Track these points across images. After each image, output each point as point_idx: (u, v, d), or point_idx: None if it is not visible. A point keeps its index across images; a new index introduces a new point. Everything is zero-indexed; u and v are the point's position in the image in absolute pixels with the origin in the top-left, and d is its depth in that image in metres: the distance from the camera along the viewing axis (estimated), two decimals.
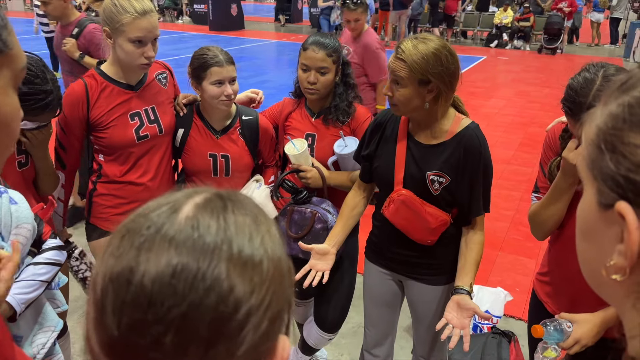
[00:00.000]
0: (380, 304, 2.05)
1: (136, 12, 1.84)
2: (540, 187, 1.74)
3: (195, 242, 0.47)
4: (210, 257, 0.46)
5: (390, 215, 1.81)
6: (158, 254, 0.46)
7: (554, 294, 1.76)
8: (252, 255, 0.48)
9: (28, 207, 1.47)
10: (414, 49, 1.60)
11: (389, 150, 1.82)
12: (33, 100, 1.64)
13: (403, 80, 1.62)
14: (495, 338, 2.56)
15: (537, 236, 1.77)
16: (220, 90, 1.99)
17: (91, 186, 2.09)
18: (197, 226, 0.48)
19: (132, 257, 0.47)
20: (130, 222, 0.51)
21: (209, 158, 2.11)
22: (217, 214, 0.50)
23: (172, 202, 0.51)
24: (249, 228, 0.50)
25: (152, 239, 0.47)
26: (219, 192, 0.53)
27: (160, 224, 0.48)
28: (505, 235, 4.12)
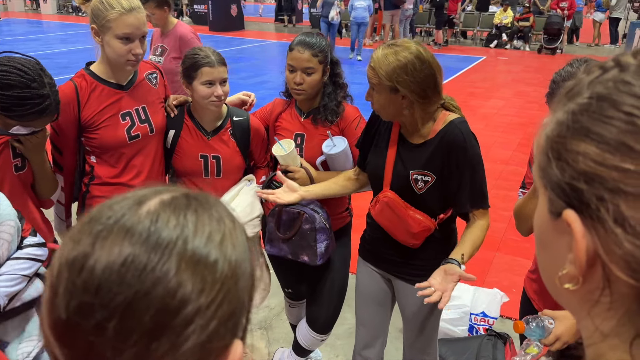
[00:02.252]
0: (370, 303, 2.04)
1: (123, 9, 1.83)
2: (527, 184, 1.75)
3: (150, 235, 0.48)
4: (162, 252, 0.47)
5: (375, 215, 1.84)
6: (113, 244, 0.48)
7: (540, 292, 1.77)
8: (206, 255, 0.49)
9: (9, 204, 1.45)
10: (383, 57, 1.63)
11: (381, 148, 1.84)
12: (29, 105, 1.60)
13: (376, 86, 1.67)
14: (491, 340, 2.55)
15: (521, 231, 1.78)
16: (210, 90, 1.98)
17: (83, 188, 2.08)
18: (155, 220, 0.49)
19: (88, 244, 0.48)
20: (94, 211, 0.52)
21: (200, 159, 2.10)
22: (179, 211, 0.51)
23: (139, 196, 0.53)
24: (209, 228, 0.51)
25: (110, 228, 0.49)
26: (188, 193, 0.54)
27: (121, 215, 0.50)
28: (503, 236, 4.11)
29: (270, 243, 2.10)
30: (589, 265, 0.43)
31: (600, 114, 0.43)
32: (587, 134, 0.43)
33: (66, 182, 2.08)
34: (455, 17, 14.61)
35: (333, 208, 2.14)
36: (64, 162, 2.03)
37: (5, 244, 1.39)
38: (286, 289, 2.46)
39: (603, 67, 0.46)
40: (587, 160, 0.42)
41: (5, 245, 1.39)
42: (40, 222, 1.90)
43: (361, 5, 11.82)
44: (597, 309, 0.45)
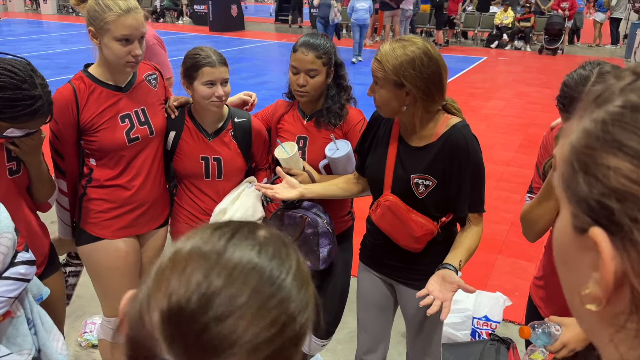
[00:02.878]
0: (372, 308, 2.02)
1: (120, 10, 1.80)
2: (534, 188, 1.72)
3: (275, 255, 0.59)
4: (280, 271, 0.57)
5: (376, 219, 1.81)
6: (242, 252, 0.57)
7: (547, 299, 1.74)
8: (306, 275, 0.60)
9: (8, 216, 1.42)
10: (391, 51, 1.60)
11: (381, 151, 1.81)
12: (21, 106, 1.56)
13: (380, 80, 1.64)
14: (494, 345, 2.52)
15: (528, 237, 1.74)
16: (211, 91, 1.95)
17: (81, 191, 2.05)
18: (272, 251, 0.59)
19: (220, 248, 0.57)
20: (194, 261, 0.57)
21: (201, 161, 2.08)
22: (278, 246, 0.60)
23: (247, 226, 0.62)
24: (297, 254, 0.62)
25: (237, 233, 0.59)
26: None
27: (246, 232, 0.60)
28: (505, 238, 4.08)
29: None
30: (616, 288, 0.40)
31: (635, 126, 0.39)
32: (619, 147, 0.39)
33: (69, 187, 2.04)
34: (455, 18, 14.58)
35: (335, 212, 2.11)
36: (66, 167, 2.00)
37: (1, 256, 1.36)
38: None
39: (636, 73, 0.42)
40: (619, 176, 0.39)
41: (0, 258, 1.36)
42: (36, 226, 1.87)
43: (363, 7, 11.59)
44: (622, 335, 0.41)
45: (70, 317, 2.95)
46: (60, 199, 2.05)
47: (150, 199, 2.08)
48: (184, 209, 2.16)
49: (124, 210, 2.04)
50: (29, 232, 1.81)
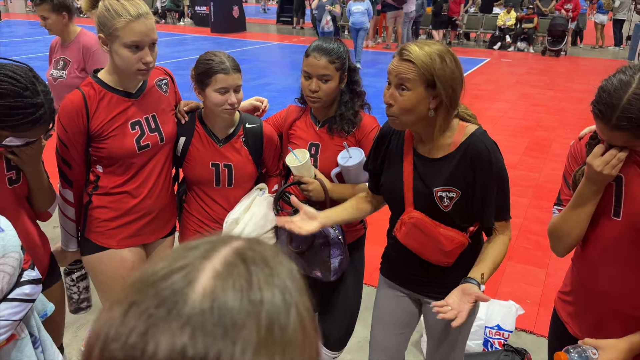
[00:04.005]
0: (391, 327, 1.92)
1: (130, 16, 1.74)
2: (563, 200, 1.63)
3: (216, 327, 0.40)
4: (232, 340, 0.40)
5: (402, 238, 1.71)
6: (169, 344, 0.39)
7: (576, 316, 1.66)
8: (281, 334, 0.42)
9: (15, 234, 1.36)
10: (420, 49, 1.52)
11: (396, 167, 1.72)
12: (22, 114, 1.50)
13: (410, 82, 1.51)
14: (508, 355, 2.47)
15: (558, 252, 1.66)
16: (224, 98, 1.89)
17: (86, 198, 1.99)
18: (215, 306, 0.41)
19: (137, 346, 0.39)
20: (135, 293, 0.42)
21: (211, 167, 2.02)
22: (240, 286, 0.43)
23: (188, 269, 0.43)
24: (275, 297, 0.44)
25: (162, 319, 0.40)
26: (243, 254, 0.46)
27: (172, 302, 0.41)
28: (514, 244, 4.02)
29: None
30: None
31: None
32: None
33: (75, 197, 1.98)
34: (458, 19, 14.54)
35: None
36: (73, 176, 1.94)
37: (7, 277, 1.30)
38: None
39: None
40: None
41: (6, 279, 1.30)
42: (36, 236, 1.81)
43: (358, 10, 11.07)
44: None
45: (74, 325, 2.90)
46: (66, 209, 1.99)
47: (157, 207, 2.02)
48: (194, 216, 2.11)
49: (130, 219, 1.99)
50: (29, 243, 1.75)
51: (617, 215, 1.47)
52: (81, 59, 3.05)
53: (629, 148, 1.40)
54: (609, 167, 1.40)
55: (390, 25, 13.96)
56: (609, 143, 1.41)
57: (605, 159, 1.40)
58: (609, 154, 1.40)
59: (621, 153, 1.39)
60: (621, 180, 1.45)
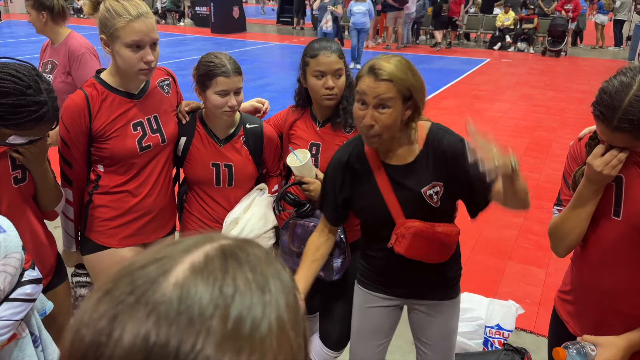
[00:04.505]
0: (372, 338, 1.89)
1: (130, 15, 1.74)
2: (563, 200, 1.64)
3: (180, 316, 0.39)
4: (196, 335, 0.39)
5: (404, 251, 1.68)
6: (133, 329, 0.39)
7: (576, 315, 1.66)
8: (250, 333, 0.40)
9: (17, 235, 1.36)
10: (392, 66, 1.52)
11: (370, 187, 1.70)
12: (25, 112, 1.50)
13: (391, 100, 1.52)
14: (508, 355, 2.47)
15: (558, 252, 1.66)
16: (224, 100, 1.90)
17: (87, 197, 1.99)
18: (185, 296, 0.40)
19: (103, 330, 0.40)
20: (112, 281, 0.43)
21: (212, 167, 2.03)
22: (214, 281, 0.42)
23: (166, 260, 0.43)
24: (250, 299, 0.42)
25: (130, 307, 0.40)
26: (224, 248, 0.45)
27: (142, 290, 0.41)
28: (514, 244, 4.02)
29: (283, 256, 2.02)
30: None
31: None
32: None
33: (75, 197, 1.98)
34: (458, 20, 14.55)
35: (349, 220, 2.06)
36: (74, 176, 1.94)
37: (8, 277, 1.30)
38: None
39: None
40: None
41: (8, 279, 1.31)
42: (43, 235, 1.82)
43: (360, 10, 10.91)
44: None
45: None
46: (66, 209, 1.99)
47: (157, 206, 2.03)
48: (194, 215, 2.12)
49: (130, 218, 1.99)
50: (36, 242, 1.76)
51: (617, 215, 1.47)
52: (67, 63, 2.99)
53: (629, 149, 1.40)
54: (609, 168, 1.41)
55: (391, 25, 13.96)
56: (609, 144, 1.41)
57: (606, 159, 1.41)
58: (609, 154, 1.41)
59: (621, 154, 1.40)
60: (621, 180, 1.46)
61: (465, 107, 8.15)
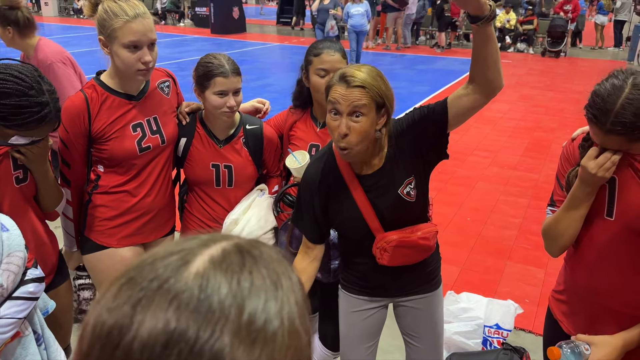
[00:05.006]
0: (361, 341, 1.90)
1: (127, 16, 1.75)
2: (556, 201, 1.65)
3: (200, 305, 0.41)
4: (214, 325, 0.40)
5: (388, 262, 1.70)
6: (155, 315, 0.40)
7: (570, 314, 1.68)
8: (263, 326, 0.42)
9: (20, 233, 1.38)
10: (363, 74, 1.52)
11: (347, 202, 1.68)
12: (27, 113, 1.52)
13: (364, 107, 1.51)
14: (507, 354, 2.46)
15: (552, 252, 1.68)
16: (222, 101, 1.91)
17: (86, 197, 2.00)
18: (205, 286, 0.42)
19: (126, 314, 0.41)
20: (133, 269, 0.45)
21: (212, 168, 2.04)
22: (232, 274, 0.44)
23: (186, 251, 0.45)
24: (265, 294, 0.44)
25: (152, 295, 0.42)
26: (241, 245, 0.47)
27: (165, 277, 0.42)
28: (513, 244, 4.03)
29: None
30: None
31: None
32: None
33: (74, 197, 1.99)
34: (457, 20, 14.55)
35: None
36: (72, 176, 1.96)
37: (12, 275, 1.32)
38: None
39: None
40: None
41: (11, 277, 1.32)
42: (44, 235, 1.83)
43: (358, 12, 10.64)
44: None
45: None
46: (65, 209, 2.00)
47: (156, 206, 2.04)
48: (195, 216, 2.13)
49: (130, 218, 2.00)
50: (37, 242, 1.77)
51: (610, 215, 1.49)
52: None
53: (622, 151, 1.42)
54: (603, 170, 1.42)
55: (391, 26, 13.96)
56: (603, 147, 1.42)
57: (600, 161, 1.42)
58: (603, 156, 1.42)
59: (615, 156, 1.41)
60: (614, 181, 1.47)
61: None
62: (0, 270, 1.30)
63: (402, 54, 13.60)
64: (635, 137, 1.35)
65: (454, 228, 4.27)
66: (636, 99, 1.32)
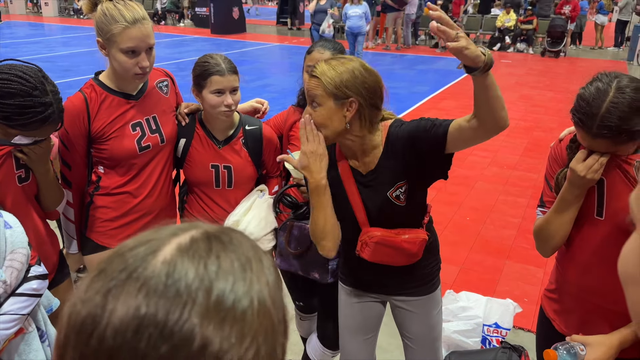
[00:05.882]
0: (359, 332, 1.92)
1: (126, 21, 1.77)
2: (546, 202, 1.67)
3: (167, 289, 0.43)
4: (182, 307, 0.42)
5: (369, 257, 1.71)
6: (125, 302, 0.43)
7: (562, 313, 1.69)
8: (232, 306, 0.44)
9: (23, 231, 1.40)
10: (327, 65, 1.56)
11: (339, 192, 1.71)
12: (31, 113, 1.54)
13: (318, 98, 1.55)
14: (505, 353, 2.47)
15: (543, 252, 1.70)
16: (220, 99, 1.92)
17: (88, 199, 2.01)
18: (172, 272, 0.44)
19: (98, 304, 0.43)
20: (104, 261, 0.47)
21: (211, 169, 2.05)
22: (199, 259, 0.46)
23: (155, 241, 0.47)
24: (233, 276, 0.46)
25: (121, 283, 0.44)
26: (209, 232, 0.49)
27: (133, 267, 0.45)
28: (512, 244, 4.05)
29: (281, 257, 2.05)
30: None
31: None
32: None
33: (75, 199, 2.00)
34: (457, 20, 14.56)
35: None
36: (73, 178, 1.96)
37: (15, 272, 1.33)
38: (297, 301, 2.40)
39: None
40: None
41: (15, 274, 1.34)
42: (45, 234, 1.85)
43: (355, 14, 10.47)
44: None
45: None
46: (66, 211, 2.01)
47: (157, 207, 2.05)
48: (194, 217, 2.13)
49: (131, 219, 2.01)
50: (39, 240, 1.79)
51: (600, 215, 1.51)
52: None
53: (610, 153, 1.43)
54: (592, 172, 1.44)
55: (390, 26, 13.98)
56: (590, 150, 1.44)
57: (588, 163, 1.44)
58: (591, 158, 1.44)
59: (603, 158, 1.43)
60: (603, 183, 1.49)
61: (465, 108, 8.17)
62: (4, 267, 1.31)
63: (402, 54, 13.62)
64: (622, 140, 1.37)
65: (453, 227, 4.28)
66: (621, 103, 1.33)
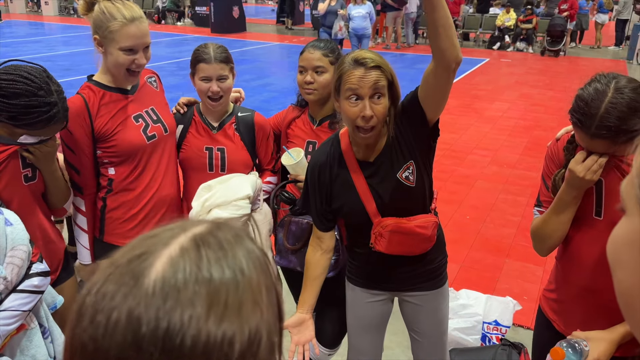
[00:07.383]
0: (368, 329, 1.94)
1: (125, 19, 1.80)
2: (542, 201, 1.66)
3: (158, 328, 0.45)
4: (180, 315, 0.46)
5: (385, 249, 1.71)
6: (127, 311, 0.46)
7: (562, 312, 1.69)
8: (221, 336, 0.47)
9: (23, 228, 1.41)
10: (373, 54, 1.56)
11: (347, 186, 1.71)
12: (36, 113, 1.56)
13: (383, 88, 1.54)
14: (505, 350, 2.49)
15: (540, 252, 1.71)
16: (207, 86, 2.00)
17: (100, 203, 2.01)
18: (167, 284, 0.47)
19: (91, 336, 0.46)
20: (91, 298, 0.48)
21: (205, 151, 2.09)
22: (190, 271, 0.48)
23: (144, 258, 0.49)
24: (227, 286, 0.49)
25: (121, 303, 0.46)
26: (195, 237, 0.51)
27: (129, 287, 0.47)
28: (512, 242, 4.06)
29: (279, 254, 2.06)
30: None
31: None
32: None
33: (87, 206, 1.98)
34: (457, 19, 14.56)
35: None
36: (83, 183, 1.96)
37: (15, 269, 1.35)
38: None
39: None
40: None
41: (15, 271, 1.35)
42: (51, 232, 1.86)
43: (359, 14, 10.30)
44: None
45: None
46: (79, 220, 2.00)
47: (168, 198, 2.08)
48: None
49: (146, 214, 2.02)
50: (45, 239, 1.80)
51: (599, 215, 1.51)
52: None
53: (608, 154, 1.44)
54: (590, 173, 1.44)
55: (390, 25, 13.98)
56: (589, 150, 1.44)
57: (587, 164, 1.44)
58: (590, 159, 1.44)
59: (601, 158, 1.43)
60: (601, 183, 1.50)
61: (465, 107, 8.19)
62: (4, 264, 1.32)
63: (402, 53, 13.62)
64: (620, 140, 1.37)
65: (454, 226, 4.29)
66: (619, 103, 1.33)
